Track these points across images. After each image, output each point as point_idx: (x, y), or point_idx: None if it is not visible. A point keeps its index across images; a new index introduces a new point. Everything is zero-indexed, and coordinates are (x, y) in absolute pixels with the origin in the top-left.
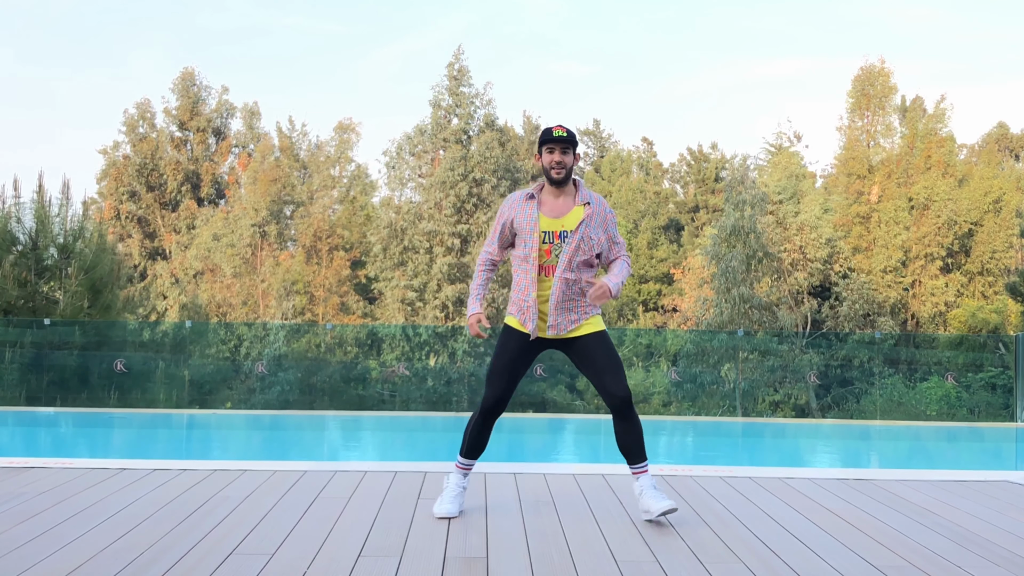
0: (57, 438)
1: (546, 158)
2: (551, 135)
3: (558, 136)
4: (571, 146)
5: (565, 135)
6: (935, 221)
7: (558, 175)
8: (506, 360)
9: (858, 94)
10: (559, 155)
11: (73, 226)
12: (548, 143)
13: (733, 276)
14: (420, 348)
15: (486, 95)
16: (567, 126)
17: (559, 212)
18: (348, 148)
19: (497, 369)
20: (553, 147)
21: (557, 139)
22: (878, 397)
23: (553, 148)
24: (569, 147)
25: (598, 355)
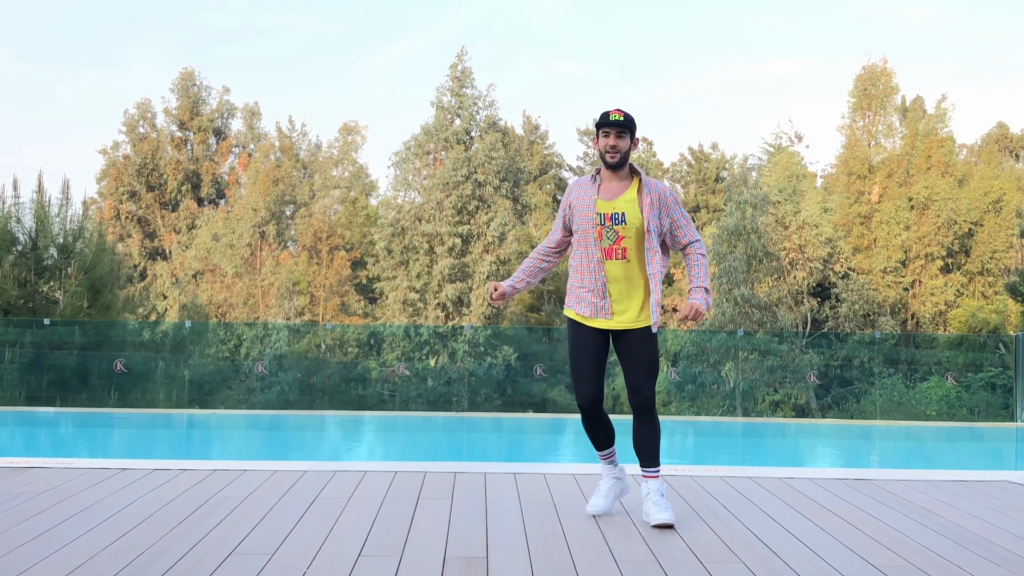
0: (57, 438)
1: (602, 142)
2: (607, 119)
3: (614, 120)
4: (627, 130)
5: (622, 119)
6: (935, 221)
7: (612, 159)
8: (579, 354)
9: (860, 94)
10: (614, 139)
11: (73, 226)
12: (604, 127)
13: (735, 276)
14: (420, 348)
15: (489, 96)
16: (626, 110)
17: (613, 194)
18: (353, 150)
19: (576, 368)
20: (609, 131)
21: (613, 123)
22: (878, 397)
23: (609, 132)
24: (625, 131)
25: (640, 352)
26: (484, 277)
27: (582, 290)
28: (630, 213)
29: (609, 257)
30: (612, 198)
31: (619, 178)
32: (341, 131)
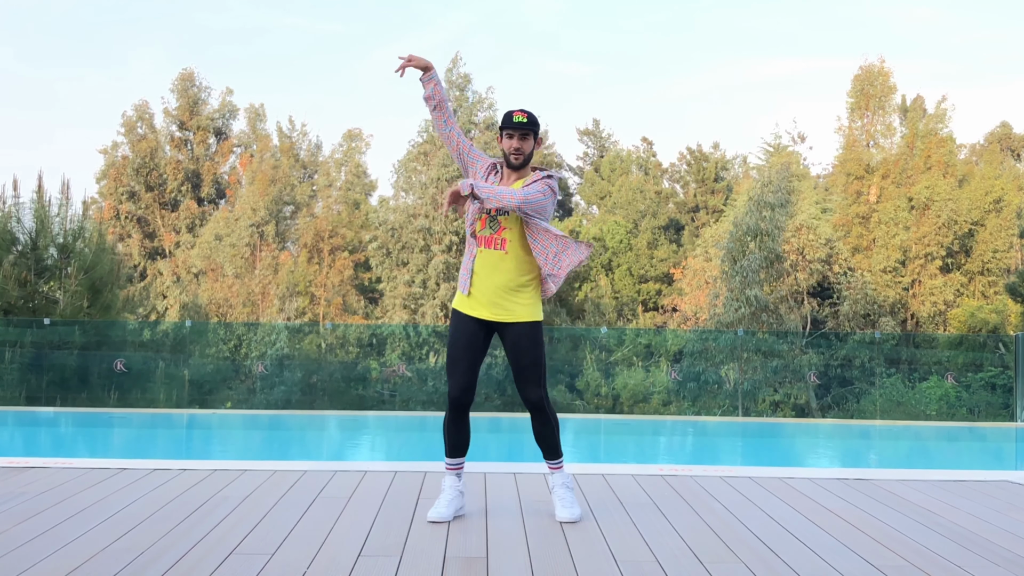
0: (57, 438)
1: (506, 143)
2: (511, 121)
3: (518, 122)
4: (531, 132)
5: (525, 121)
6: (935, 221)
7: (516, 160)
8: (454, 343)
9: (858, 94)
10: (518, 141)
11: (73, 226)
12: (508, 128)
13: (749, 277)
14: (420, 348)
15: (488, 99)
16: (529, 111)
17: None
18: (357, 153)
19: (452, 358)
20: (513, 133)
21: (517, 125)
22: (878, 397)
23: (513, 134)
24: (529, 133)
25: (522, 351)
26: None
27: (462, 276)
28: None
29: (487, 246)
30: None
31: (517, 176)
32: (344, 137)
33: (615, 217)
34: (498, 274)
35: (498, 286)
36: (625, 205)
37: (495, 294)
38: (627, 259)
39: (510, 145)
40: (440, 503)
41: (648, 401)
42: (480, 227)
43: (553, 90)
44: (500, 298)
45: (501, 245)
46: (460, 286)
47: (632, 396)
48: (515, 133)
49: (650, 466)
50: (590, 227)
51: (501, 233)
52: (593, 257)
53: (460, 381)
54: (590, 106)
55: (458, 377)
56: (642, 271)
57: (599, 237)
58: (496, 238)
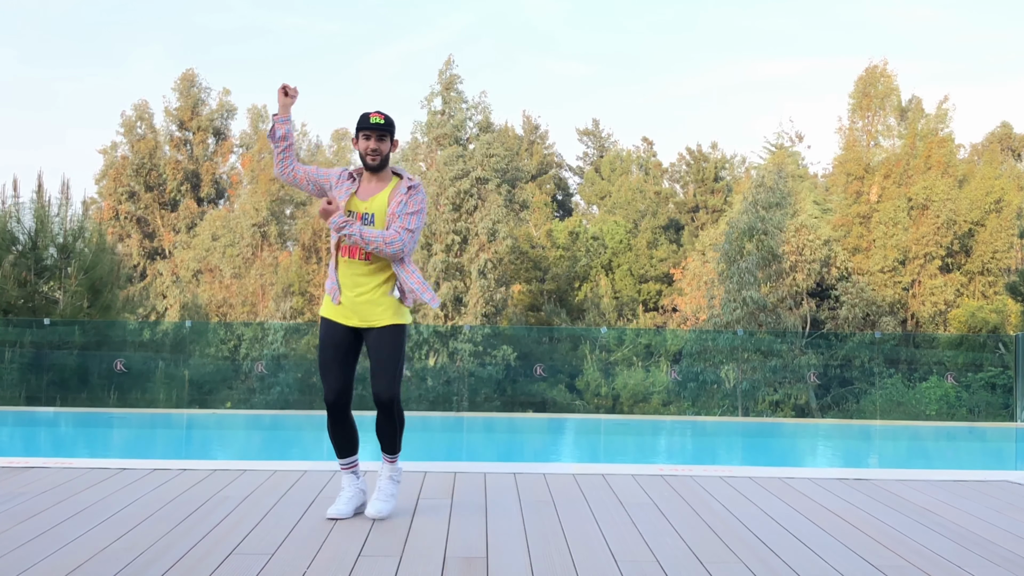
0: (57, 438)
1: (362, 144)
2: (368, 122)
3: (375, 123)
4: (388, 133)
5: (382, 122)
6: (935, 221)
7: (373, 161)
8: (325, 348)
9: (860, 94)
10: (375, 142)
11: (73, 226)
12: (364, 130)
13: (747, 278)
14: (419, 348)
15: (481, 103)
16: (386, 112)
17: (369, 195)
18: (348, 152)
19: (325, 364)
20: (369, 134)
21: (374, 126)
22: (878, 397)
23: (369, 135)
24: (386, 134)
25: (379, 349)
26: (478, 275)
27: (331, 284)
28: (379, 215)
29: (352, 256)
30: (367, 198)
31: (378, 179)
32: (333, 137)
33: (615, 217)
34: (363, 283)
35: (363, 294)
36: (625, 205)
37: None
38: (627, 259)
39: (367, 146)
40: (340, 500)
41: (648, 401)
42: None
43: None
44: (366, 305)
45: (366, 256)
46: (331, 296)
47: (632, 396)
48: (372, 134)
49: (650, 466)
50: (590, 227)
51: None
52: (593, 257)
53: (335, 385)
54: (590, 106)
55: (332, 382)
56: (642, 271)
57: (599, 237)
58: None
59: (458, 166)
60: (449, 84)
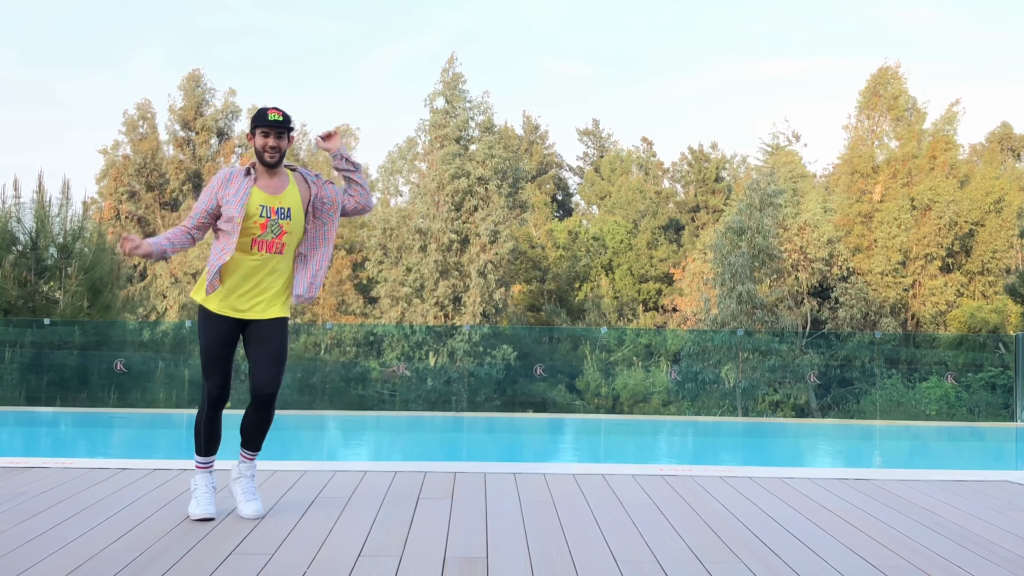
0: (57, 438)
1: (259, 141)
2: (266, 119)
3: (273, 120)
4: (286, 130)
5: (281, 119)
6: (937, 222)
7: (271, 158)
8: (212, 343)
9: (870, 93)
10: (274, 139)
11: (73, 226)
12: (263, 127)
13: (738, 275)
14: (419, 347)
15: (483, 103)
16: (283, 109)
17: (276, 189)
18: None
19: (209, 358)
20: (268, 131)
21: (273, 123)
22: (878, 397)
23: (268, 132)
24: (284, 132)
25: (268, 342)
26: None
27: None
28: (295, 209)
29: (267, 250)
30: (276, 193)
31: (277, 175)
32: None
33: (615, 217)
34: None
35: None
36: (625, 205)
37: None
38: (627, 259)
39: (264, 143)
40: (202, 501)
41: (648, 401)
42: (260, 231)
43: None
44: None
45: (280, 249)
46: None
47: (632, 396)
48: (271, 131)
49: (650, 466)
50: (590, 227)
51: (282, 237)
52: (593, 257)
53: (220, 380)
54: (590, 106)
55: (218, 378)
56: (642, 271)
57: (599, 237)
58: (277, 242)
59: (455, 164)
60: (452, 83)
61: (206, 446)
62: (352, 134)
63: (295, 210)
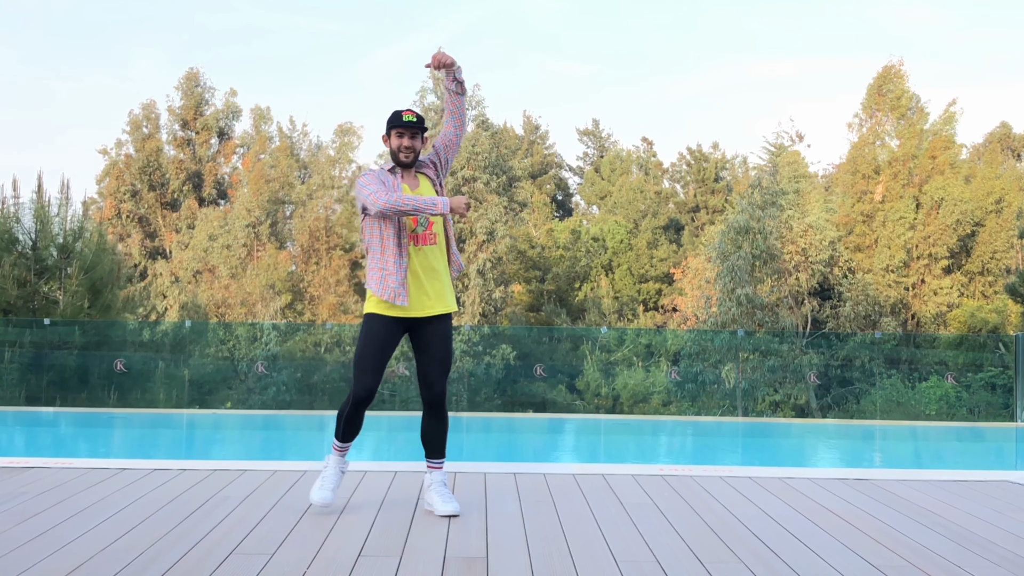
0: (57, 438)
1: (395, 141)
2: (401, 120)
3: (408, 121)
4: (420, 131)
5: (415, 120)
6: (942, 222)
7: (407, 158)
8: (376, 349)
9: (874, 92)
10: (408, 140)
11: (73, 226)
12: (398, 127)
13: (738, 276)
14: None
15: (474, 97)
16: (416, 110)
17: (413, 186)
18: (349, 150)
19: (363, 358)
20: (403, 132)
21: (407, 124)
22: (878, 397)
23: (403, 132)
24: (418, 132)
25: (438, 344)
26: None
27: (386, 278)
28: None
29: (424, 243)
30: (415, 188)
31: (410, 174)
32: (337, 133)
33: (615, 217)
34: (431, 268)
35: (430, 279)
36: (625, 205)
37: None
38: (627, 259)
39: (400, 143)
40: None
41: (648, 401)
42: (413, 225)
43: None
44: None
45: (434, 240)
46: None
47: (632, 396)
48: (405, 132)
49: (650, 466)
50: (590, 227)
51: (431, 228)
52: (593, 257)
53: (370, 383)
54: (590, 106)
55: (370, 380)
56: (642, 271)
57: (599, 237)
58: (428, 233)
59: None
60: (440, 78)
61: (345, 432)
62: (355, 132)
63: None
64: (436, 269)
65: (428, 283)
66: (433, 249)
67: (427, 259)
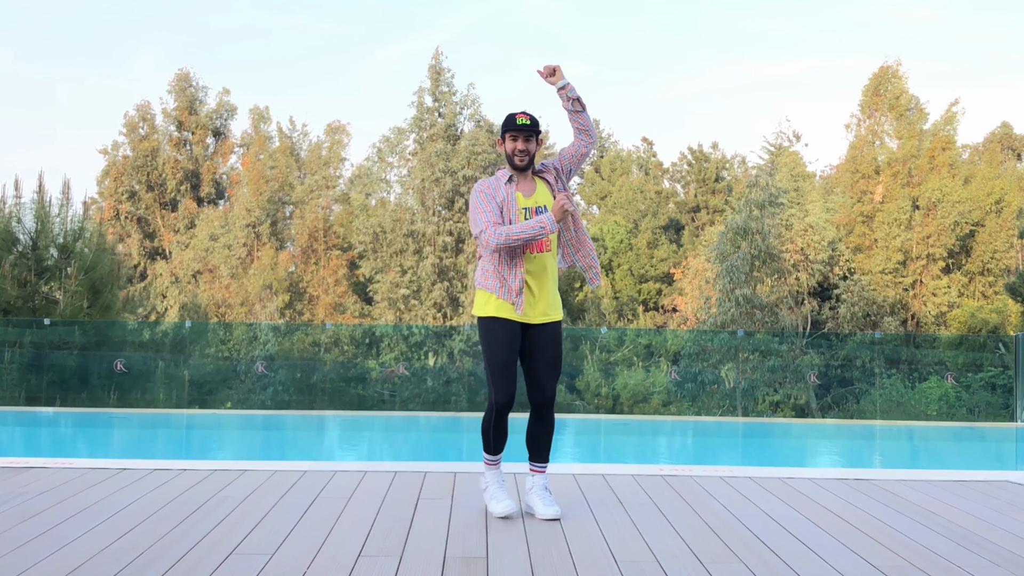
0: (57, 438)
1: (509, 145)
2: (515, 123)
3: (522, 124)
4: (534, 133)
5: (529, 123)
6: (940, 222)
7: (521, 162)
8: (505, 353)
9: (871, 92)
10: (522, 143)
11: (73, 226)
12: (512, 131)
13: (737, 276)
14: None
15: (470, 95)
16: (531, 113)
17: (529, 191)
18: (340, 148)
19: (497, 365)
20: (517, 135)
21: (521, 127)
22: (878, 397)
23: (517, 136)
24: (532, 135)
25: (550, 348)
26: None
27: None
28: (549, 205)
29: (539, 250)
30: (530, 194)
31: (527, 177)
32: (327, 131)
33: (615, 217)
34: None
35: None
36: (625, 205)
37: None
38: (627, 259)
39: (514, 147)
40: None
41: (648, 401)
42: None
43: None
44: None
45: (548, 247)
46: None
47: (632, 396)
48: (519, 135)
49: (650, 466)
50: (590, 227)
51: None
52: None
53: (508, 388)
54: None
55: (506, 385)
56: (642, 271)
57: (599, 237)
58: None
59: (439, 165)
60: (438, 78)
61: (494, 445)
62: (344, 130)
63: (549, 206)
64: (548, 276)
65: (540, 290)
66: (547, 256)
67: (542, 266)
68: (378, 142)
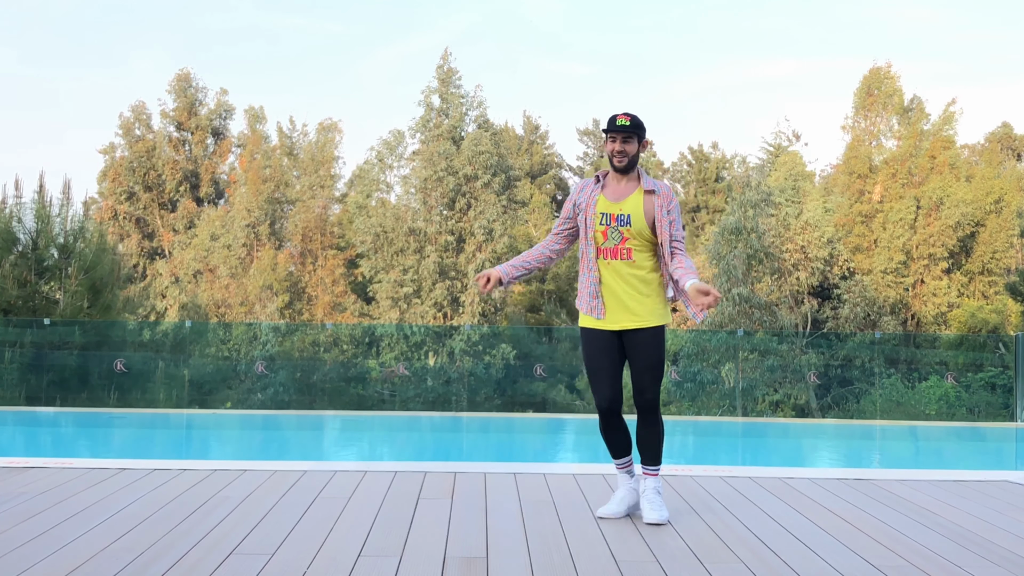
0: (57, 438)
1: (608, 146)
2: (614, 124)
3: (620, 125)
4: (634, 135)
5: (627, 124)
6: (943, 223)
7: (620, 163)
8: (597, 359)
9: (864, 94)
10: (620, 144)
11: (73, 226)
12: (611, 132)
13: (734, 275)
14: (419, 348)
15: (477, 97)
16: (633, 114)
17: (620, 195)
18: (332, 147)
19: (590, 370)
20: (615, 136)
21: (619, 128)
22: (878, 397)
23: (615, 137)
24: (632, 136)
25: (644, 352)
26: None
27: (584, 291)
28: (636, 216)
29: (613, 257)
30: (618, 199)
31: (626, 180)
32: (319, 130)
33: None
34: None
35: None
36: None
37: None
38: None
39: (612, 148)
40: (614, 501)
41: None
42: (603, 239)
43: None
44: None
45: (627, 255)
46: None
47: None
48: (618, 136)
49: None
50: None
51: (624, 243)
52: None
53: (606, 393)
54: (590, 106)
55: (604, 390)
56: None
57: None
58: (620, 248)
59: (442, 165)
60: (446, 78)
61: (611, 448)
62: (337, 128)
63: (635, 216)
64: (632, 284)
65: (625, 297)
66: (624, 264)
67: (619, 274)
68: (377, 145)
